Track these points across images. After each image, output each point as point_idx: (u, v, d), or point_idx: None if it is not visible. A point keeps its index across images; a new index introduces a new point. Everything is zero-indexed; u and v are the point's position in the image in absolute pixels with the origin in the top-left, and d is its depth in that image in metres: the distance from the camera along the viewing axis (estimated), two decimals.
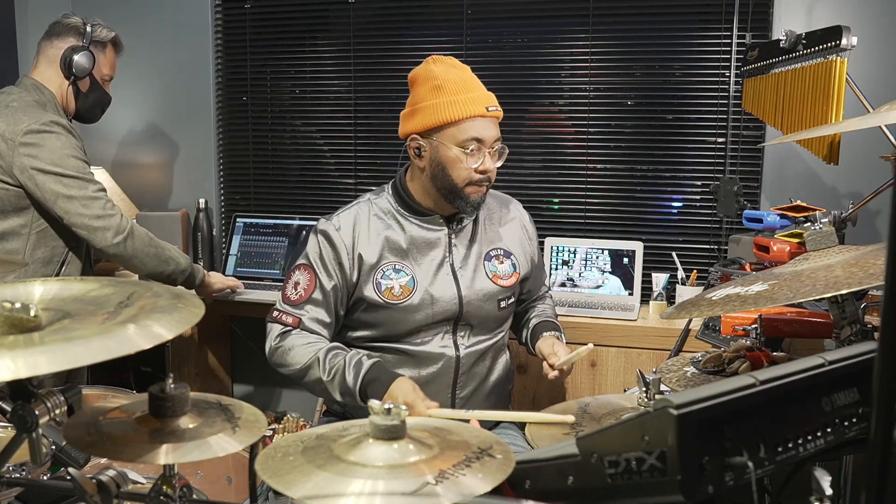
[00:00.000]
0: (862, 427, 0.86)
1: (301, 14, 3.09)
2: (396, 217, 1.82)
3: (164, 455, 0.83)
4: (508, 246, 1.90)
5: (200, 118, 3.21)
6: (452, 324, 1.80)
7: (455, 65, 1.78)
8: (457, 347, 1.81)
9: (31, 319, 0.80)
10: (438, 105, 1.72)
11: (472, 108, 1.71)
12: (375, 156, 3.06)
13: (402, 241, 1.80)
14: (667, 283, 2.59)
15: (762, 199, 2.65)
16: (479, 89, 1.76)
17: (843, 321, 1.27)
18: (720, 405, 0.73)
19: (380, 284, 1.76)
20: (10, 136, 2.05)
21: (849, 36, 1.86)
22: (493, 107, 1.75)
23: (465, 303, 1.80)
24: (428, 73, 1.76)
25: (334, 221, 1.80)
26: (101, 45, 2.26)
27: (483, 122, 1.72)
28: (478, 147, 1.73)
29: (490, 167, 1.75)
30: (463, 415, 1.52)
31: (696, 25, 2.70)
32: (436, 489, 0.73)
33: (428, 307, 1.77)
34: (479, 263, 1.85)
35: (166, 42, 3.19)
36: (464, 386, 1.82)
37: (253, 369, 3.23)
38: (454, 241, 1.83)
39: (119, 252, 2.14)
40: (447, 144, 1.73)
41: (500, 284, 1.85)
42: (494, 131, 1.75)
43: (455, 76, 1.75)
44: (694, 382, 1.38)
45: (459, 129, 1.72)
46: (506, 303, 1.87)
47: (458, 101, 1.71)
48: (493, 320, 1.85)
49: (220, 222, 3.24)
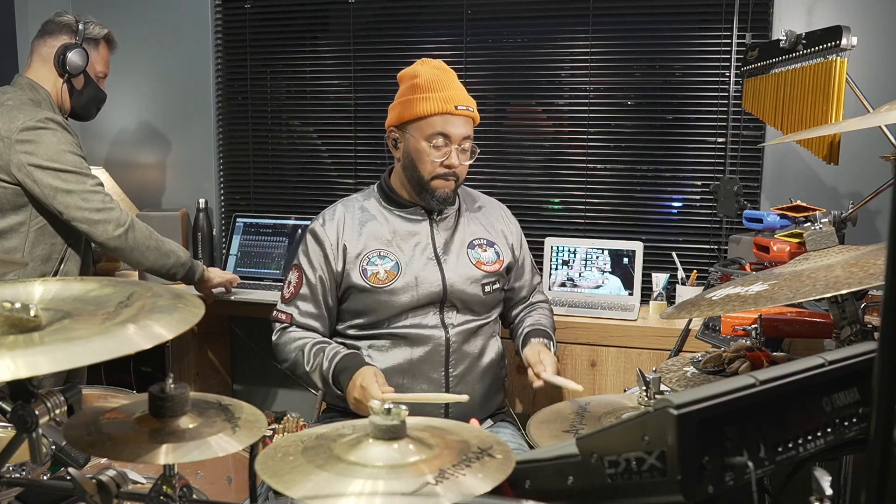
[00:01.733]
0: (862, 427, 0.86)
1: (301, 14, 3.09)
2: (381, 211, 1.94)
3: (164, 455, 0.83)
4: (490, 237, 1.99)
5: (200, 118, 3.21)
6: (439, 305, 1.88)
7: (439, 66, 1.90)
8: (445, 327, 1.87)
9: (31, 319, 0.80)
10: (412, 101, 1.85)
11: (441, 105, 1.82)
12: (375, 156, 3.06)
13: (385, 231, 1.91)
14: (667, 283, 2.59)
15: (762, 199, 2.65)
16: (453, 89, 1.86)
17: (843, 321, 1.27)
18: (720, 405, 0.73)
19: (366, 270, 1.86)
20: (6, 134, 2.05)
21: (849, 36, 1.86)
22: (464, 106, 1.85)
23: (449, 285, 1.88)
24: (412, 72, 1.90)
25: (319, 219, 1.94)
26: (95, 42, 2.27)
27: (451, 118, 1.83)
28: (444, 142, 1.84)
29: (454, 162, 1.85)
30: (401, 398, 1.62)
31: (696, 25, 2.70)
32: (436, 489, 0.73)
33: (413, 289, 1.85)
34: (463, 250, 1.93)
35: (166, 42, 3.19)
36: (456, 364, 1.87)
37: (253, 369, 3.23)
38: (436, 230, 1.93)
39: (120, 245, 2.14)
40: (416, 137, 1.85)
41: (483, 269, 1.92)
42: (463, 129, 1.85)
43: (433, 76, 1.86)
44: (694, 382, 1.38)
45: (427, 124, 1.83)
46: (490, 287, 1.94)
47: (429, 98, 1.83)
48: (478, 303, 1.92)
49: (220, 222, 3.24)
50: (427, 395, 1.81)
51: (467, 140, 1.87)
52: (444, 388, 1.85)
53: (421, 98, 1.84)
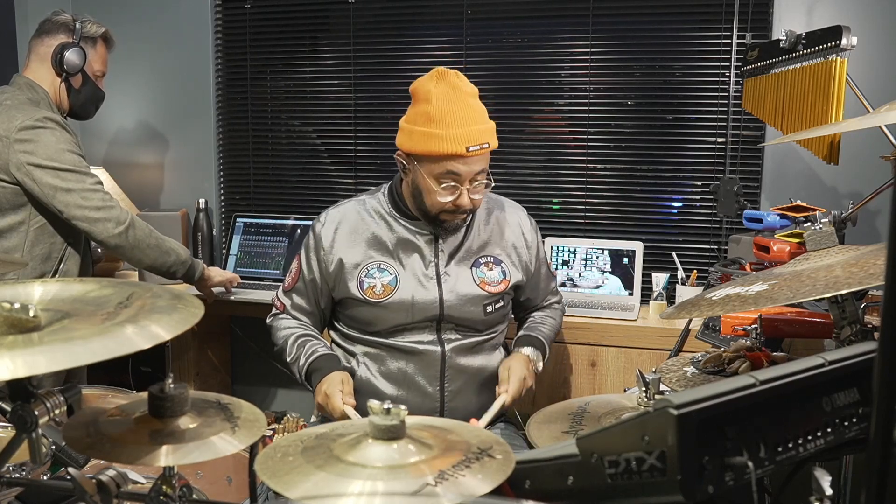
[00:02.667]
0: (862, 427, 0.86)
1: (301, 14, 3.09)
2: (386, 217, 1.84)
3: (164, 457, 0.82)
4: (499, 254, 1.89)
5: (200, 118, 3.20)
6: (436, 322, 1.82)
7: (455, 86, 1.71)
8: (441, 343, 1.82)
9: (31, 319, 0.80)
10: (422, 134, 1.69)
11: (452, 147, 1.67)
12: (375, 156, 3.06)
13: (388, 240, 1.83)
14: (667, 283, 2.59)
15: (762, 199, 2.65)
16: (468, 123, 1.69)
17: (843, 321, 1.27)
18: (720, 405, 0.73)
19: (363, 283, 1.81)
20: (5, 133, 2.05)
21: (849, 36, 1.86)
22: (477, 146, 1.69)
23: (447, 306, 1.80)
24: (425, 93, 1.72)
25: (322, 218, 1.88)
26: (92, 40, 2.26)
27: (462, 160, 1.69)
28: (454, 183, 1.71)
29: (465, 203, 1.72)
30: (353, 416, 1.66)
31: (696, 25, 2.70)
32: (435, 490, 0.72)
33: (408, 308, 1.79)
34: (467, 269, 1.84)
35: (166, 42, 3.19)
36: (452, 380, 1.82)
37: (253, 369, 3.23)
38: (441, 246, 1.83)
39: (121, 243, 2.14)
40: (424, 174, 1.72)
41: (487, 290, 1.84)
42: (475, 167, 1.71)
43: (447, 106, 1.69)
44: (694, 382, 1.38)
45: (436, 164, 1.69)
46: (493, 307, 1.85)
47: (440, 137, 1.67)
48: (479, 322, 1.85)
49: (220, 222, 3.24)
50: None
51: (481, 174, 1.74)
52: (438, 402, 1.81)
53: (432, 135, 1.68)
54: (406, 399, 1.80)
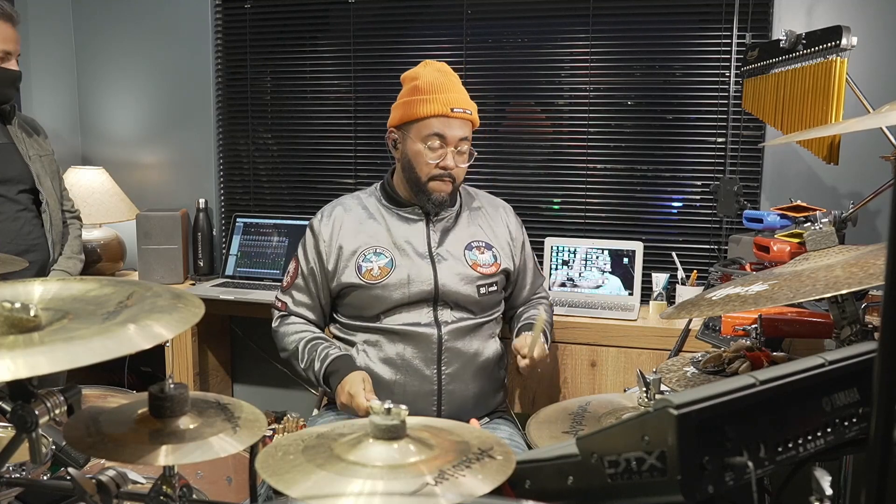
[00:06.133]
0: (862, 427, 0.86)
1: (301, 14, 3.09)
2: (380, 209, 1.97)
3: (164, 457, 0.83)
4: (490, 240, 1.99)
5: (200, 118, 3.20)
6: (432, 303, 1.89)
7: (441, 69, 1.92)
8: (438, 325, 1.88)
9: (31, 319, 0.80)
10: (411, 102, 1.88)
11: (437, 108, 1.85)
12: (375, 156, 3.06)
13: (382, 229, 1.94)
14: (667, 283, 2.59)
15: (762, 199, 2.65)
16: (452, 92, 1.88)
17: (843, 321, 1.27)
18: (720, 405, 0.73)
19: (360, 267, 1.90)
20: None
21: (849, 36, 1.86)
22: (461, 109, 1.86)
23: (441, 284, 1.89)
24: (413, 74, 1.93)
25: (319, 214, 1.99)
26: None
27: (447, 120, 1.85)
28: (440, 144, 1.86)
29: (450, 164, 1.87)
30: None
31: (696, 25, 2.70)
32: (435, 489, 0.72)
33: (404, 286, 1.88)
34: (460, 251, 1.94)
35: (166, 42, 3.19)
36: (449, 362, 1.88)
37: (253, 369, 3.23)
38: (433, 230, 1.95)
39: None
40: (413, 139, 1.88)
41: (479, 272, 1.93)
42: (459, 132, 1.87)
43: (434, 78, 1.88)
44: (694, 382, 1.38)
45: (424, 126, 1.86)
46: (486, 289, 1.94)
47: (427, 100, 1.85)
48: (473, 303, 1.93)
49: (220, 222, 3.24)
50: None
51: (464, 142, 1.89)
52: (436, 385, 1.87)
53: (420, 100, 1.86)
54: (404, 383, 1.86)
